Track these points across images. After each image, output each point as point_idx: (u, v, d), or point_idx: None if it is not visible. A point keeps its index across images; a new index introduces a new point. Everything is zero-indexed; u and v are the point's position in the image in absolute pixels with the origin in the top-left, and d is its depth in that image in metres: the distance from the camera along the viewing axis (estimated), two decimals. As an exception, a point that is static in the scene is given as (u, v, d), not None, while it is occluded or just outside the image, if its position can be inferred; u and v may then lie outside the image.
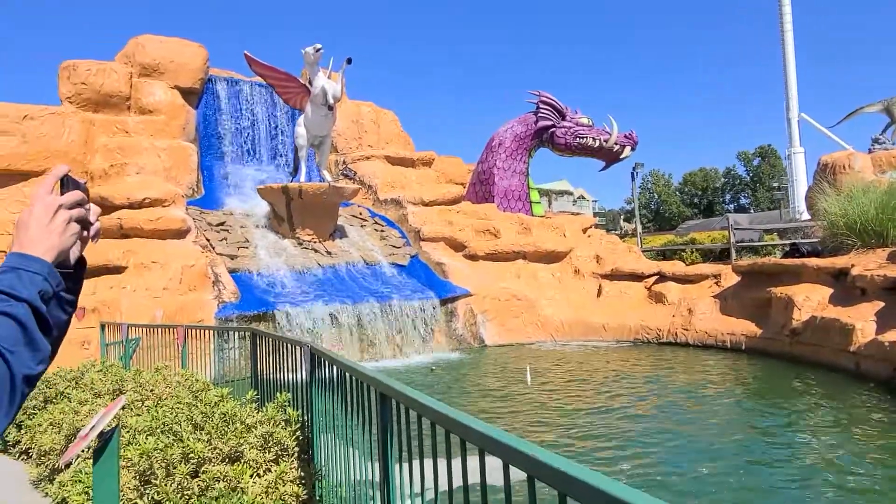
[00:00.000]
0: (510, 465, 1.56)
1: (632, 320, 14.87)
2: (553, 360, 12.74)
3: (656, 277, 16.05)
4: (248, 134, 21.16)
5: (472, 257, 17.41)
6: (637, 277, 16.36)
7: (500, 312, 15.51)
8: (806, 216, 22.89)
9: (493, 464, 1.60)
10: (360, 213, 19.36)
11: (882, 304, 10.27)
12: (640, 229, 34.53)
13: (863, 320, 10.18)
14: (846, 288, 11.30)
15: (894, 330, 9.48)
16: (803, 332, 11.27)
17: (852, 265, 11.38)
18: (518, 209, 20.75)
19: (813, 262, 12.45)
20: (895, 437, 6.80)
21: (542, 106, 21.18)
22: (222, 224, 16.42)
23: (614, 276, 16.61)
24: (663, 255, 27.35)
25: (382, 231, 18.40)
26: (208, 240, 15.21)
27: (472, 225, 18.36)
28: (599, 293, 16.51)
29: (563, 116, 21.17)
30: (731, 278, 14.43)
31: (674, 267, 16.26)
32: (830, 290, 11.63)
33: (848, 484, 5.54)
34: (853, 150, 19.43)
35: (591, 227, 20.92)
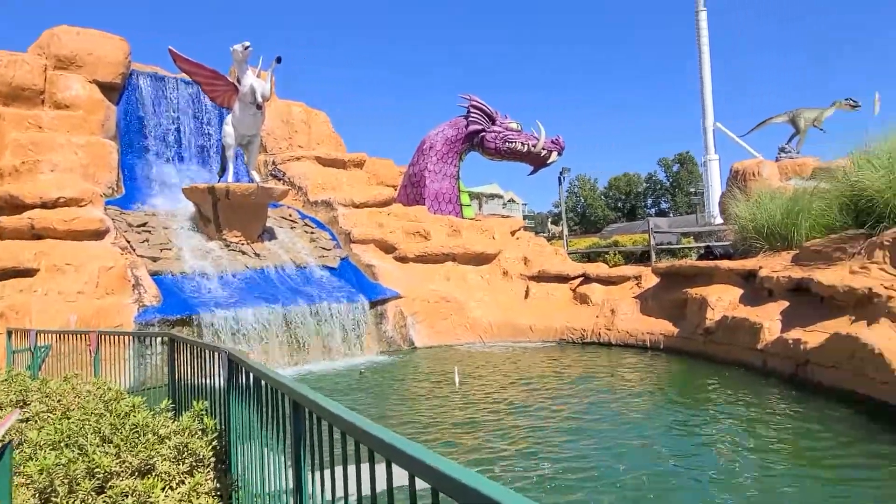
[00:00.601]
0: (415, 477, 1.57)
1: (557, 321, 15.25)
2: (481, 362, 12.93)
3: (581, 279, 16.54)
4: (174, 132, 20.48)
5: (403, 259, 17.45)
6: (563, 279, 16.81)
7: (430, 314, 15.61)
8: (719, 220, 24.08)
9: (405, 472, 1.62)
10: (290, 215, 19.06)
11: (787, 303, 10.88)
12: (566, 232, 35.43)
13: (769, 319, 10.72)
14: (755, 289, 11.92)
15: (797, 328, 10.05)
16: (716, 332, 11.81)
17: (760, 267, 12.02)
18: (448, 212, 20.94)
19: (725, 264, 13.10)
20: (798, 433, 7.26)
21: (472, 110, 21.44)
22: (144, 225, 15.83)
23: (541, 277, 17.01)
24: (588, 257, 28.16)
25: (312, 233, 18.19)
26: (128, 241, 14.63)
27: (402, 227, 18.39)
28: (527, 295, 16.86)
29: (493, 121, 21.49)
30: (650, 280, 15.01)
31: (598, 269, 16.80)
32: (741, 291, 12.22)
33: (753, 475, 5.90)
34: (762, 158, 20.62)
35: (519, 230, 21.32)
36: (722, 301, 12.15)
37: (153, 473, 3.10)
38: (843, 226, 11.59)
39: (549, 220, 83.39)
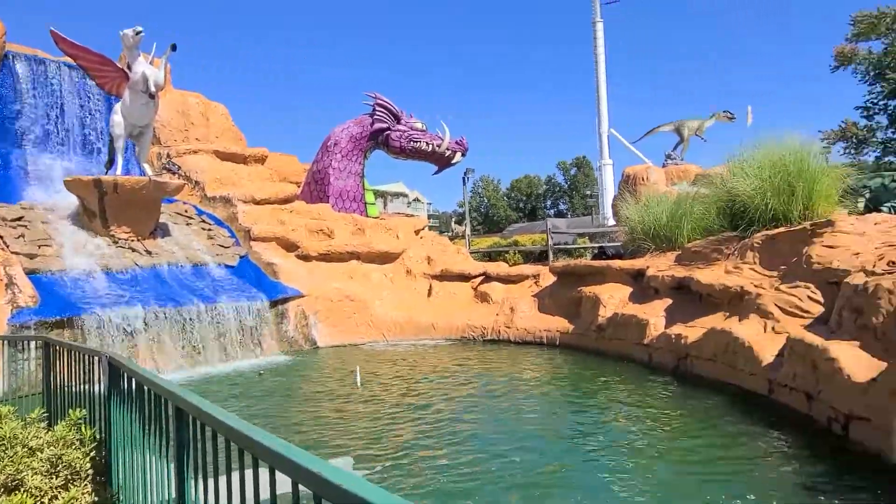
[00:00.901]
0: (298, 483, 1.54)
1: (459, 319, 15.50)
2: (384, 360, 12.93)
3: (482, 278, 16.89)
4: (55, 119, 19.04)
5: (305, 258, 17.15)
6: (465, 278, 17.11)
7: (333, 313, 15.44)
8: (612, 222, 25.31)
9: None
10: (186, 211, 18.23)
11: (670, 301, 11.62)
12: (469, 231, 36.02)
13: (655, 316, 11.41)
14: (643, 287, 12.62)
15: (679, 324, 10.76)
16: (608, 328, 12.42)
17: (647, 267, 12.75)
18: (353, 210, 20.76)
19: (616, 263, 13.79)
20: (679, 426, 7.77)
21: (377, 108, 21.36)
22: (20, 219, 14.63)
23: (444, 276, 17.23)
24: (489, 256, 28.78)
25: (210, 230, 17.49)
26: (1, 237, 13.49)
27: (305, 225, 18.06)
28: (430, 293, 17.02)
29: (398, 120, 21.50)
30: (548, 278, 15.56)
31: (498, 268, 17.21)
32: (630, 289, 12.91)
33: (640, 460, 6.27)
34: (651, 164, 21.89)
35: (423, 229, 21.46)
36: (613, 299, 12.79)
37: (22, 489, 2.91)
38: (720, 228, 12.49)
39: (454, 219, 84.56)
